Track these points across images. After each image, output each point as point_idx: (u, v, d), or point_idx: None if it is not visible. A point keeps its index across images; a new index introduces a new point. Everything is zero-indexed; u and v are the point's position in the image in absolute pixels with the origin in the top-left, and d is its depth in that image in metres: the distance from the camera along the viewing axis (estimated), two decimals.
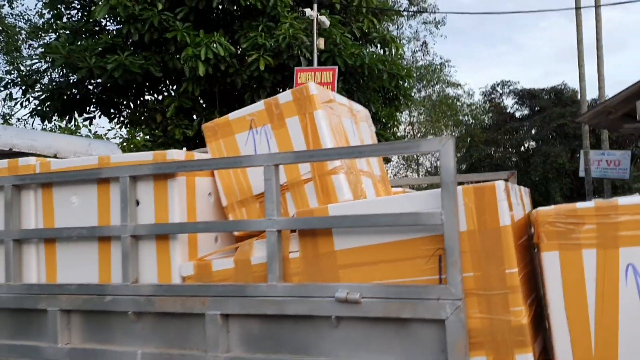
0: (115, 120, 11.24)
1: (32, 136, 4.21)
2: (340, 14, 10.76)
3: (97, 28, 10.50)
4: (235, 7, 9.81)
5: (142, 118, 10.75)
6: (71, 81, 10.12)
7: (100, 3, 9.08)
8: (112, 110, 10.94)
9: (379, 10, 11.54)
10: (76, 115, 10.78)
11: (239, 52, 9.64)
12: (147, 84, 10.36)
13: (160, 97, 10.82)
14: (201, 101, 10.29)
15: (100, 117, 11.07)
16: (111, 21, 10.52)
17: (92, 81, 10.06)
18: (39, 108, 10.37)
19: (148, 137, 12.52)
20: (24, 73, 12.02)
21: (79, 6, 10.78)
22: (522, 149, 29.38)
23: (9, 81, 12.79)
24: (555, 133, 27.56)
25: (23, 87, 10.91)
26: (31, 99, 10.84)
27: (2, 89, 12.52)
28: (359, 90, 10.74)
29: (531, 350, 1.55)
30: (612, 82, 29.16)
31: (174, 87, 10.45)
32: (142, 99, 10.93)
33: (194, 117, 10.21)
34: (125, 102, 10.85)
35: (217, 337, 1.84)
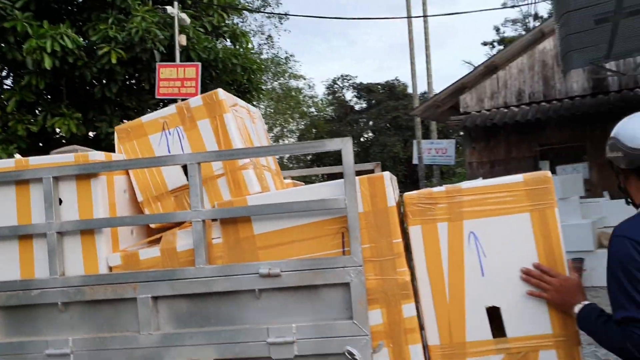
0: None
1: None
2: (191, 9, 10.81)
3: None
4: None
5: None
6: None
7: None
8: None
9: (228, 6, 11.77)
10: None
11: (87, 44, 9.29)
12: None
13: None
14: (47, 95, 9.72)
15: None
16: None
17: None
18: None
19: None
20: None
21: None
22: (362, 139, 31.42)
23: None
24: (390, 124, 29.86)
25: None
26: None
27: None
28: (212, 83, 10.90)
29: (413, 301, 2.01)
30: (436, 76, 32.10)
31: (15, 80, 9.75)
32: None
33: (38, 112, 9.64)
34: None
35: (148, 318, 2.06)
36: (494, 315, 2.05)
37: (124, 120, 10.60)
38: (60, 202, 2.14)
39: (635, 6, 8.10)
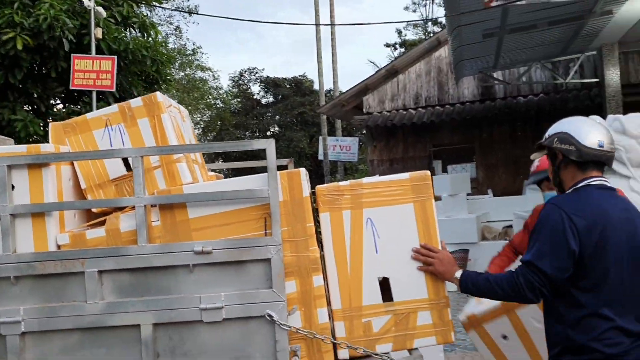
0: None
1: None
2: None
3: None
4: None
5: None
6: None
7: None
8: None
9: None
10: None
11: None
12: None
13: None
14: None
15: None
16: None
17: None
18: None
19: None
20: None
21: None
22: (269, 133, 31.76)
23: None
24: (296, 120, 30.47)
25: None
26: None
27: None
28: (120, 74, 10.85)
29: (321, 273, 2.48)
30: (342, 71, 33.17)
31: None
32: None
33: None
34: None
35: (94, 289, 2.37)
36: (384, 284, 2.57)
37: (28, 107, 10.32)
38: (13, 187, 2.40)
39: (516, 24, 9.14)
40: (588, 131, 2.30)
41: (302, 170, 2.49)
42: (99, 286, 2.40)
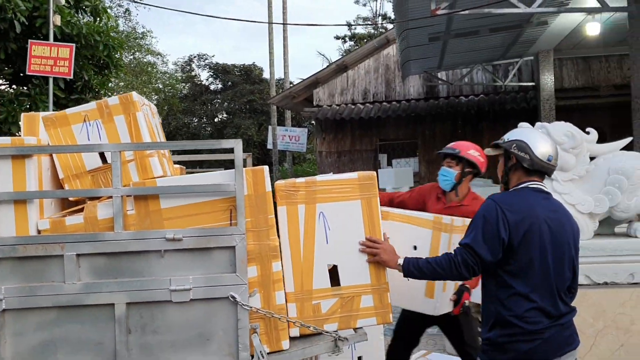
0: None
1: None
2: None
3: None
4: None
5: None
6: None
7: None
8: None
9: None
10: None
11: None
12: None
13: None
14: None
15: None
16: None
17: None
18: None
19: None
20: None
21: None
22: (216, 120, 31.62)
23: None
24: (245, 107, 30.45)
25: None
26: None
27: None
28: None
29: (279, 260, 2.79)
30: (292, 62, 33.27)
31: None
32: None
33: None
34: None
35: (72, 271, 2.60)
36: (332, 270, 2.92)
37: None
38: None
39: (460, 30, 9.68)
40: (542, 145, 2.71)
41: (265, 168, 2.79)
42: (77, 268, 2.63)
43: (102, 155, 2.89)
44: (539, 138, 2.76)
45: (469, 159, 3.81)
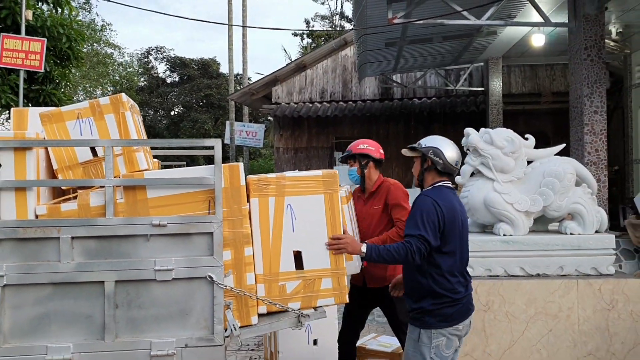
0: None
1: None
2: None
3: None
4: None
5: None
6: None
7: None
8: None
9: None
10: None
11: None
12: None
13: None
14: None
15: None
16: None
17: None
18: None
19: None
20: None
21: None
22: (173, 113, 31.43)
23: None
24: (202, 102, 30.40)
25: None
26: None
27: None
28: None
29: (251, 246, 3.17)
30: (250, 55, 33.28)
31: None
32: None
33: None
34: None
35: (67, 251, 2.91)
36: (297, 256, 3.30)
37: None
38: (0, 166, 2.90)
39: (415, 37, 10.22)
40: (451, 152, 3.34)
41: (240, 164, 3.18)
42: (71, 249, 2.94)
43: (93, 150, 3.21)
44: (450, 146, 3.34)
45: (360, 152, 4.34)
